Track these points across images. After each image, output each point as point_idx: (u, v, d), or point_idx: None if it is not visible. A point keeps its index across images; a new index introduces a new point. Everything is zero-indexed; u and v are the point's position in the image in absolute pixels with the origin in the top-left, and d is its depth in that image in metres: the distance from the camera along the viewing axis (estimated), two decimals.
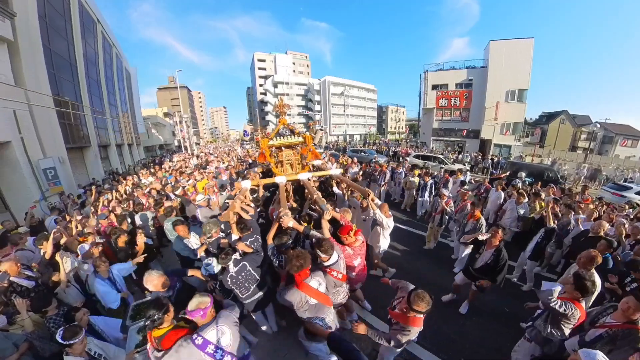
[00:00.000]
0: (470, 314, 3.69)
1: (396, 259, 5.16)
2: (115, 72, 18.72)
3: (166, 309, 1.82)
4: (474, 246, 3.60)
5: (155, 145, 33.06)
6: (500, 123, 22.37)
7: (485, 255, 3.37)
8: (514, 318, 3.52)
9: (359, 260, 2.95)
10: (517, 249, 4.70)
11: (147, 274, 2.51)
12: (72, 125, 11.36)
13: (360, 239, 2.99)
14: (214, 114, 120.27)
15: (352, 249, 2.88)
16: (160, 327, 1.80)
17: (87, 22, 13.89)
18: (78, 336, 1.92)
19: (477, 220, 4.40)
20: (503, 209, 5.81)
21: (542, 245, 4.12)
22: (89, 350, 2.10)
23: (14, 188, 7.60)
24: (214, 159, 16.85)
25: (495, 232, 3.28)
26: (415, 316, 2.01)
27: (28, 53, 8.61)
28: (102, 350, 2.20)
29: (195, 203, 5.42)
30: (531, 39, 20.76)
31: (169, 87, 44.99)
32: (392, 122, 64.50)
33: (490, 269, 3.26)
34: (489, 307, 3.85)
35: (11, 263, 3.17)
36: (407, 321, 2.03)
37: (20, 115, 7.84)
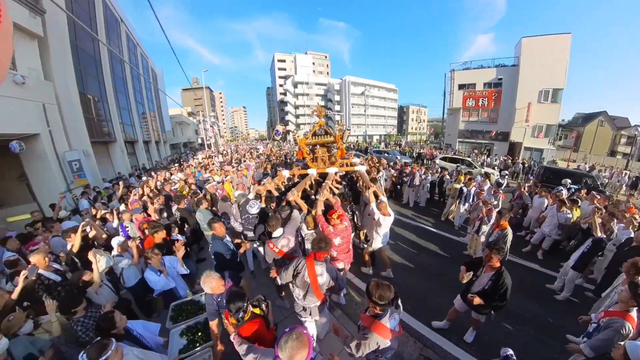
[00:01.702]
0: (513, 322, 3.59)
1: (431, 265, 5.19)
2: (141, 71, 19.67)
3: (247, 299, 1.99)
4: (470, 266, 3.06)
5: (179, 143, 34.63)
6: (532, 125, 20.59)
7: (482, 279, 2.83)
8: (555, 328, 3.49)
9: (338, 240, 3.37)
10: (555, 257, 5.12)
11: (205, 275, 2.40)
12: (96, 120, 11.98)
13: (345, 224, 3.42)
14: (234, 114, 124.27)
15: (333, 228, 3.35)
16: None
17: (111, 20, 14.63)
18: (108, 350, 1.58)
19: (502, 230, 4.06)
20: (543, 216, 5.72)
21: (588, 257, 3.95)
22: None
23: (41, 179, 8.05)
24: (242, 156, 17.70)
25: (488, 255, 2.73)
26: (379, 322, 1.84)
27: (57, 49, 9.09)
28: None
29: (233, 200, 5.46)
30: (568, 34, 18.89)
31: (192, 88, 47.01)
32: (414, 122, 62.39)
33: (488, 296, 2.71)
34: (528, 316, 3.73)
35: (40, 256, 3.14)
36: (371, 324, 1.88)
37: (49, 109, 8.30)
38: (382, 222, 3.92)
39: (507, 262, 4.94)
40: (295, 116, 51.90)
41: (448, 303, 3.43)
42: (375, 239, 4.16)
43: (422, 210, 8.60)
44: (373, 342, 1.85)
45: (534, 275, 4.82)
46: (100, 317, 2.21)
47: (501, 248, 2.71)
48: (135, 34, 19.25)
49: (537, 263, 5.20)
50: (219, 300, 2.46)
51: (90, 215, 5.44)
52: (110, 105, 13.41)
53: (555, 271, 4.69)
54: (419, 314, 3.70)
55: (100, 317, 2.17)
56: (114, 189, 8.12)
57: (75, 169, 8.67)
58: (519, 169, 14.97)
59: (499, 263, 2.71)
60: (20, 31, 7.69)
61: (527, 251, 5.61)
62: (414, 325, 3.53)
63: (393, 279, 4.43)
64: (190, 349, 2.52)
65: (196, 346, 2.54)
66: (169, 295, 3.36)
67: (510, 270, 4.56)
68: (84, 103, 10.68)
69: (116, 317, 2.10)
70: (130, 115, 16.56)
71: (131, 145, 16.92)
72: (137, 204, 5.61)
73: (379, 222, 3.93)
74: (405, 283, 4.51)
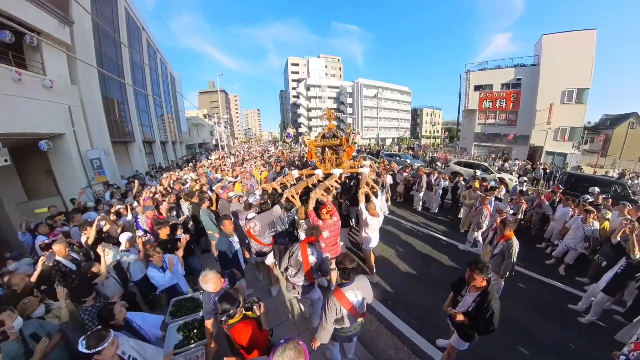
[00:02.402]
0: (530, 346, 3.28)
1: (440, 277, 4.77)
2: (160, 76, 20.66)
3: (238, 302, 1.98)
4: (456, 286, 2.68)
5: (195, 144, 35.90)
6: (554, 127, 19.46)
7: (466, 299, 2.45)
8: (579, 356, 3.15)
9: (327, 233, 3.62)
10: (579, 272, 4.75)
11: (203, 274, 2.40)
12: (117, 121, 12.70)
13: (334, 219, 3.73)
14: (248, 116, 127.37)
15: (322, 222, 3.64)
16: (232, 317, 1.98)
17: (133, 29, 15.54)
18: (106, 340, 1.67)
19: (507, 241, 3.62)
20: (566, 227, 5.24)
21: (621, 279, 3.48)
22: (123, 353, 1.85)
23: (65, 175, 8.63)
24: (249, 158, 18.03)
25: (470, 275, 2.35)
26: (340, 289, 2.25)
27: (82, 55, 9.78)
28: (137, 354, 1.96)
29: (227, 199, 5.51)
30: (593, 30, 17.69)
31: (209, 91, 48.73)
32: (427, 125, 60.98)
33: (472, 318, 2.33)
34: (548, 342, 3.37)
35: (62, 245, 3.42)
36: (333, 291, 2.27)
37: (74, 111, 8.91)
38: (369, 223, 4.04)
39: (524, 277, 4.73)
40: (308, 119, 52.32)
41: None
42: (364, 239, 4.23)
43: (434, 217, 8.15)
44: (331, 304, 2.21)
45: (555, 294, 4.40)
46: (101, 307, 2.35)
47: (485, 266, 2.29)
48: (156, 41, 20.30)
49: (558, 279, 4.74)
50: (216, 299, 2.44)
51: (106, 210, 5.77)
52: (131, 108, 14.19)
53: (579, 289, 4.34)
54: (424, 329, 3.50)
55: (101, 308, 2.30)
56: (130, 186, 8.55)
57: (96, 166, 9.22)
58: (540, 174, 14.00)
59: (485, 282, 2.32)
60: (50, 40, 8.36)
61: (551, 264, 5.21)
62: (416, 342, 3.31)
63: (401, 292, 4.31)
64: (185, 345, 2.56)
65: (191, 343, 2.57)
66: (172, 291, 3.41)
67: (528, 287, 4.47)
68: (106, 105, 11.38)
69: (115, 310, 2.21)
70: (148, 117, 17.42)
71: (149, 145, 17.76)
72: (149, 201, 5.88)
73: (367, 222, 4.05)
74: (412, 295, 4.26)
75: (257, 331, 2.03)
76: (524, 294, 4.33)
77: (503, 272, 3.60)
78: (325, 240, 3.64)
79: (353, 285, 2.27)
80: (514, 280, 4.45)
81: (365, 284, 2.39)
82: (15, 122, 6.76)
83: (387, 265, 5.17)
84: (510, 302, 3.83)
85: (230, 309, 1.94)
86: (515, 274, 4.68)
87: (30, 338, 2.18)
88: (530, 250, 5.73)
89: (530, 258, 5.36)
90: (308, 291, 3.08)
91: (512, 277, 4.44)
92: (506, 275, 3.65)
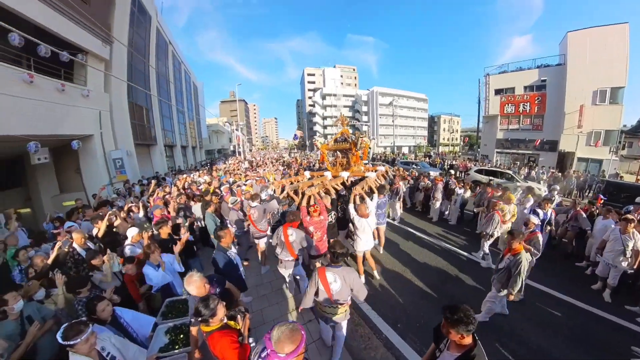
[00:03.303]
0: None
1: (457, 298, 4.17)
2: (183, 85, 22.13)
3: (214, 311, 1.82)
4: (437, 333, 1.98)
5: (214, 149, 37.58)
6: (587, 131, 17.91)
7: (445, 358, 1.83)
8: None
9: (311, 228, 3.95)
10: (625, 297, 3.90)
11: (188, 275, 2.33)
12: (142, 126, 13.68)
13: (321, 217, 3.99)
14: (266, 124, 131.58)
15: (309, 218, 3.96)
16: (208, 325, 1.84)
17: (162, 44, 17.00)
18: (81, 335, 1.65)
19: (515, 255, 3.17)
20: (604, 239, 4.44)
21: None
22: (102, 349, 1.81)
23: (91, 173, 9.39)
24: (262, 164, 18.53)
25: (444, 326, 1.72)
26: (324, 267, 2.54)
27: (117, 69, 10.90)
28: (118, 352, 1.91)
29: (229, 205, 5.26)
30: (624, 24, 16.23)
31: (230, 100, 51.25)
32: (445, 132, 59.10)
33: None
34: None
35: (80, 235, 3.69)
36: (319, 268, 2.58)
37: (103, 115, 9.75)
38: (356, 223, 4.11)
39: (561, 303, 3.97)
40: (323, 127, 52.93)
41: None
42: (356, 241, 4.25)
43: (453, 229, 7.36)
44: (314, 277, 2.51)
45: (605, 328, 3.47)
46: (88, 300, 2.35)
47: (466, 318, 1.58)
48: (181, 54, 21.91)
49: (604, 308, 3.80)
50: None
51: (118, 206, 6.12)
52: (155, 114, 15.27)
53: (630, 320, 3.50)
54: None
55: (88, 300, 2.30)
56: (147, 187, 9.05)
57: (118, 165, 9.92)
58: (572, 183, 12.49)
59: (469, 340, 1.65)
60: (94, 57, 9.47)
61: (597, 289, 4.31)
62: None
63: (413, 314, 3.80)
64: (170, 349, 2.46)
65: (175, 348, 2.47)
66: (167, 292, 3.35)
67: (569, 318, 3.72)
68: (132, 111, 12.35)
69: (98, 307, 2.18)
70: (171, 123, 18.60)
71: (170, 148, 18.86)
72: (160, 201, 6.14)
73: (354, 223, 4.13)
74: (425, 318, 3.65)
75: (236, 344, 1.80)
76: (561, 322, 3.59)
77: (510, 291, 3.16)
78: (313, 236, 3.92)
79: (336, 270, 2.47)
80: (548, 306, 3.91)
81: (352, 275, 2.48)
82: (56, 126, 7.76)
83: (397, 281, 4.67)
84: (545, 333, 3.39)
85: (203, 314, 1.78)
86: (551, 298, 4.12)
87: (26, 320, 2.31)
88: (569, 270, 5.04)
89: (569, 279, 4.66)
90: (293, 265, 3.72)
91: (547, 303, 3.98)
92: (514, 295, 3.19)
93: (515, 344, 3.20)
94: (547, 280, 4.50)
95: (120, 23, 11.13)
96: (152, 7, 15.39)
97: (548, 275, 4.68)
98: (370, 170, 6.76)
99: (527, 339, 3.27)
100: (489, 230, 5.06)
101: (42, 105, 7.11)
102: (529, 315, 3.69)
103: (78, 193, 8.87)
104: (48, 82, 7.38)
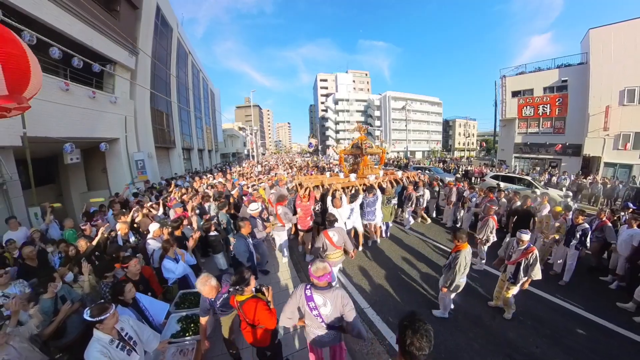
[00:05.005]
0: None
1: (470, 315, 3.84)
2: (201, 92, 23.26)
3: (248, 281, 2.23)
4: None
5: (229, 153, 38.87)
6: (614, 134, 16.82)
7: None
8: None
9: (299, 210, 5.29)
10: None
11: (203, 277, 2.49)
12: (162, 130, 14.54)
13: (307, 203, 5.32)
14: (279, 129, 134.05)
15: (300, 201, 5.33)
16: (242, 294, 2.23)
17: (182, 53, 18.08)
18: (107, 311, 1.83)
19: (456, 252, 3.29)
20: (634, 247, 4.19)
21: None
22: (121, 329, 1.97)
23: (115, 173, 10.13)
24: (276, 166, 19.09)
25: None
26: (326, 229, 3.88)
27: (141, 77, 11.78)
28: (135, 334, 2.06)
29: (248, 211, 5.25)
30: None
31: (245, 105, 52.97)
32: (461, 137, 57.42)
33: None
34: None
35: (125, 225, 4.28)
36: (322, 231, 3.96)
37: (128, 120, 10.52)
38: (330, 211, 4.83)
39: (583, 322, 3.58)
40: (335, 131, 53.22)
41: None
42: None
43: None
44: (320, 237, 3.82)
45: (631, 349, 3.12)
46: (114, 282, 2.75)
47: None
48: (199, 62, 23.08)
49: (633, 329, 3.42)
50: (212, 300, 2.55)
51: (141, 203, 6.55)
52: (174, 119, 16.19)
53: None
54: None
55: (115, 283, 2.70)
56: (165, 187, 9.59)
57: (140, 166, 10.60)
58: (599, 190, 11.50)
59: None
60: (121, 67, 10.34)
61: (628, 309, 3.82)
62: None
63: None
64: (181, 336, 2.66)
65: (186, 335, 2.67)
66: (184, 283, 3.63)
67: (591, 338, 3.24)
68: (154, 116, 13.20)
69: (126, 288, 2.47)
70: (189, 127, 19.58)
71: (187, 151, 19.80)
72: (175, 201, 6.48)
73: (329, 211, 4.94)
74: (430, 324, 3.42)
75: (268, 308, 2.21)
76: (581, 342, 3.24)
77: (444, 285, 3.37)
78: (299, 215, 5.29)
79: (333, 229, 3.84)
80: (568, 323, 3.57)
81: (342, 231, 3.99)
82: (90, 129, 8.61)
83: (404, 287, 4.56)
84: (562, 353, 3.08)
85: (240, 284, 2.17)
86: (571, 314, 3.74)
87: (60, 300, 2.65)
88: (593, 284, 4.66)
89: (593, 295, 4.30)
90: (280, 230, 5.24)
91: (567, 320, 3.63)
92: (448, 288, 3.33)
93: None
94: (568, 295, 4.23)
95: (145, 35, 12.05)
96: (174, 19, 16.48)
97: (569, 289, 4.43)
98: (375, 173, 7.71)
99: (542, 357, 3.04)
100: (481, 235, 4.97)
101: (77, 111, 7.89)
102: (546, 333, 3.43)
103: (103, 191, 9.58)
104: (81, 89, 8.17)
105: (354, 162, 8.90)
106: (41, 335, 2.27)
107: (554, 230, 4.96)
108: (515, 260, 3.47)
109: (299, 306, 2.20)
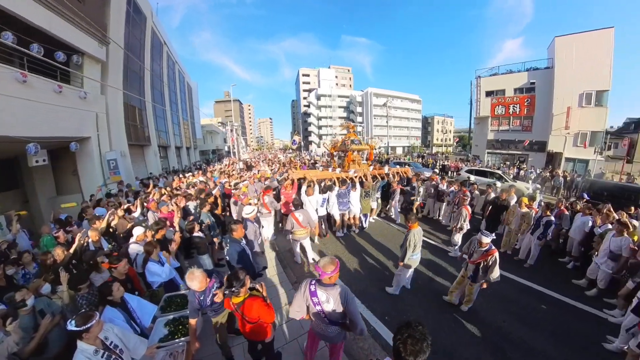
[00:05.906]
0: None
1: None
2: (177, 85, 21.93)
3: (243, 282, 2.21)
4: None
5: (209, 150, 37.22)
6: (574, 132, 18.58)
7: None
8: None
9: (282, 198, 6.32)
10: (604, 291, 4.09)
11: (190, 270, 2.49)
12: (136, 126, 13.55)
13: (291, 191, 6.36)
14: (260, 125, 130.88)
15: (285, 190, 6.42)
16: (238, 296, 2.23)
17: (156, 43, 16.80)
18: (93, 319, 1.78)
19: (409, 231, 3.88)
20: (597, 242, 4.60)
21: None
22: (105, 339, 1.90)
23: (87, 175, 9.31)
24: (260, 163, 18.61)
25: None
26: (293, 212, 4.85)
27: (113, 71, 10.81)
28: (120, 342, 2.00)
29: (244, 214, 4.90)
30: (610, 29, 16.93)
31: (224, 100, 50.86)
32: (439, 133, 60.10)
33: None
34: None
35: (96, 232, 3.98)
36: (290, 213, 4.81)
37: (100, 117, 9.67)
38: (302, 198, 5.81)
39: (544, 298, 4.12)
40: (318, 127, 53.08)
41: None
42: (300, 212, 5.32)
43: (445, 230, 7.03)
44: (289, 222, 4.75)
45: (582, 318, 3.71)
46: (102, 283, 2.62)
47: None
48: (175, 54, 21.72)
49: (583, 301, 4.03)
50: (202, 298, 2.52)
51: (116, 206, 6.08)
52: (148, 114, 15.12)
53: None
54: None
55: (102, 284, 2.56)
56: (142, 187, 9.00)
57: (112, 167, 9.83)
58: (560, 183, 13.11)
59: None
60: (90, 58, 9.38)
61: (581, 285, 4.50)
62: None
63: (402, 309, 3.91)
64: (170, 339, 2.58)
65: (175, 338, 2.60)
66: (170, 286, 3.48)
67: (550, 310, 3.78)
68: (127, 111, 12.22)
69: (114, 287, 2.42)
70: (165, 123, 18.41)
71: (164, 149, 18.66)
72: (154, 202, 5.98)
73: (303, 200, 5.73)
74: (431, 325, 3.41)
75: (265, 304, 2.25)
76: (544, 315, 3.76)
77: (400, 260, 3.95)
78: (282, 202, 6.21)
79: (298, 211, 4.78)
80: (532, 300, 4.09)
81: (307, 214, 4.90)
82: (56, 128, 7.70)
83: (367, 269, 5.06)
84: (527, 327, 3.49)
85: (236, 286, 2.16)
86: (534, 292, 4.26)
87: (39, 314, 2.44)
88: (552, 266, 5.32)
89: (553, 275, 4.92)
90: (267, 216, 5.94)
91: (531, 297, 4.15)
92: (402, 262, 3.89)
93: (498, 337, 3.32)
94: (532, 276, 4.80)
95: (115, 23, 11.03)
96: (147, 7, 15.23)
97: (533, 271, 5.02)
98: (364, 168, 8.54)
99: (509, 331, 3.42)
100: (457, 224, 5.48)
101: (40, 107, 7.02)
102: (512, 310, 3.85)
103: (75, 195, 8.78)
104: (44, 83, 7.26)
105: (343, 157, 9.77)
106: (21, 353, 2.10)
107: (519, 218, 5.55)
108: (475, 261, 3.56)
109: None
